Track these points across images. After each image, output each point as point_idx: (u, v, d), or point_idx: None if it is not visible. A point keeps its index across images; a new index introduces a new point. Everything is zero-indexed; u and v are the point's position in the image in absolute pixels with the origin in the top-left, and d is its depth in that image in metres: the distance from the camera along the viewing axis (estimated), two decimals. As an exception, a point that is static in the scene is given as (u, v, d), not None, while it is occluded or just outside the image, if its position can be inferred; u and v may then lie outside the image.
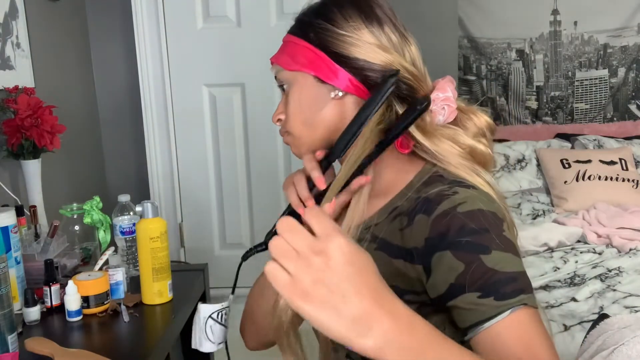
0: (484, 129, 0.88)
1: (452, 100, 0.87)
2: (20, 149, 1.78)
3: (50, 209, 1.88)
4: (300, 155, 0.92)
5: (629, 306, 1.91)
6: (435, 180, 0.82)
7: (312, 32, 0.87)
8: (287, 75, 0.89)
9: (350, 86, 0.85)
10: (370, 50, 0.84)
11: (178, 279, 1.51)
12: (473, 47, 3.47)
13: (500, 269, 0.73)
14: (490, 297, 0.71)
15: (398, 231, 0.82)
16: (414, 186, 0.84)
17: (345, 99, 0.87)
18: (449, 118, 0.87)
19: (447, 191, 0.79)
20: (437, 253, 0.76)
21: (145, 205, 1.41)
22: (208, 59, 2.87)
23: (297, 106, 0.89)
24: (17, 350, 1.14)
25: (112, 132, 2.87)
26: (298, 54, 0.87)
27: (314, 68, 0.86)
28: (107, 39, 2.80)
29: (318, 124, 0.88)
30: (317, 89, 0.87)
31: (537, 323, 0.72)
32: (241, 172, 2.98)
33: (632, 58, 3.42)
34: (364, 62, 0.84)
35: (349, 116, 0.86)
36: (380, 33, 0.85)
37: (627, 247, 2.39)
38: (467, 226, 0.75)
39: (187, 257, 3.00)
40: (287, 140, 0.93)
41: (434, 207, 0.78)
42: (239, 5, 2.85)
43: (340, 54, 0.85)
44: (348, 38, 0.84)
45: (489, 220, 0.76)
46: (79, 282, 1.36)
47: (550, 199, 3.03)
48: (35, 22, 2.15)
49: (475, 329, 0.72)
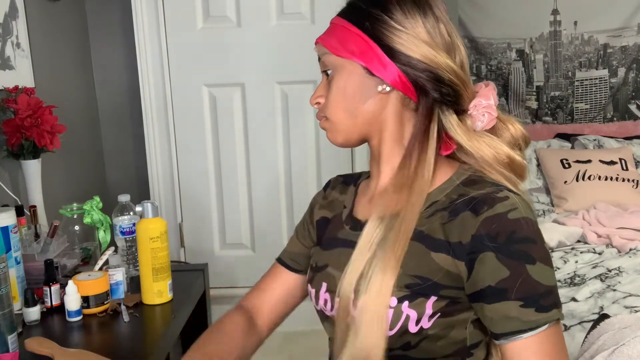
0: (519, 139, 0.89)
1: (493, 109, 0.87)
2: (20, 149, 1.78)
3: (50, 209, 1.88)
4: (335, 141, 0.91)
5: (629, 306, 1.91)
6: (478, 181, 0.83)
7: (368, 21, 0.85)
8: (334, 60, 0.88)
9: (398, 82, 0.84)
10: (423, 49, 0.83)
11: (178, 279, 1.52)
12: (473, 47, 3.47)
13: (543, 281, 0.76)
14: (532, 309, 0.74)
15: (440, 225, 0.82)
16: (454, 183, 0.85)
17: (391, 95, 0.86)
18: (487, 125, 0.87)
19: (498, 193, 0.79)
20: (482, 253, 0.77)
21: (145, 205, 1.41)
22: (208, 59, 2.87)
23: (341, 94, 0.88)
24: (17, 350, 1.14)
25: (112, 132, 2.87)
26: (349, 40, 0.86)
27: (365, 59, 0.85)
28: (107, 39, 2.80)
29: (359, 115, 0.87)
30: (365, 80, 0.86)
31: (562, 339, 0.77)
32: (241, 172, 2.97)
33: (632, 58, 3.42)
34: (415, 61, 0.83)
35: (391, 111, 0.87)
36: (436, 32, 0.85)
37: (627, 247, 2.39)
38: (517, 233, 0.76)
39: (187, 257, 3.00)
40: (323, 125, 0.92)
41: (482, 206, 0.78)
42: (239, 5, 2.84)
43: (393, 48, 0.83)
44: (404, 34, 0.83)
45: (536, 231, 0.78)
46: (79, 282, 1.36)
47: (550, 199, 3.03)
48: (35, 22, 2.15)
49: (510, 337, 0.75)
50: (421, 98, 0.85)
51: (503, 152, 0.86)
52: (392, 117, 0.87)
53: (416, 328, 0.79)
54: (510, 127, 0.89)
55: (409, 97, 0.86)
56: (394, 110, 0.87)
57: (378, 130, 0.89)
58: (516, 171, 0.87)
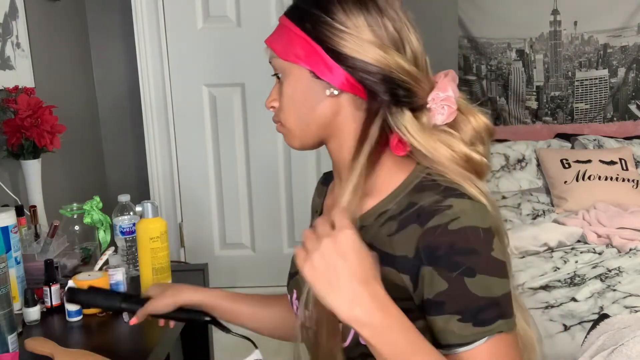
0: (482, 132, 0.85)
1: (452, 101, 0.83)
2: (20, 149, 1.78)
3: (50, 209, 1.87)
4: (293, 146, 0.90)
5: (629, 306, 1.91)
6: (429, 187, 0.79)
7: (310, 23, 0.82)
8: (282, 65, 0.85)
9: (346, 84, 0.82)
10: (368, 49, 0.80)
11: (178, 279, 1.51)
12: (473, 47, 3.47)
13: (483, 294, 0.73)
14: (469, 323, 0.73)
15: (386, 237, 0.80)
16: (406, 189, 0.82)
17: (341, 97, 0.83)
18: (448, 119, 0.83)
19: (441, 202, 0.76)
20: (423, 266, 0.76)
21: (145, 205, 1.41)
22: (208, 59, 2.87)
23: (292, 100, 0.86)
24: (17, 350, 1.14)
25: (112, 132, 2.87)
26: (295, 44, 0.83)
27: (311, 63, 0.82)
28: (107, 39, 2.80)
29: (312, 120, 0.85)
30: (313, 84, 0.83)
31: (511, 350, 0.74)
32: (241, 172, 2.98)
33: (632, 58, 3.42)
34: (360, 62, 0.80)
35: (345, 114, 0.84)
36: (380, 27, 0.81)
37: (627, 247, 2.39)
38: (456, 245, 0.74)
39: (187, 257, 3.00)
40: (280, 130, 0.90)
41: (427, 218, 0.76)
42: (239, 5, 2.85)
43: (337, 50, 0.81)
44: (347, 34, 0.81)
45: (480, 240, 0.75)
46: (79, 282, 1.36)
47: (550, 199, 3.03)
48: (35, 22, 2.15)
49: (450, 349, 0.74)
50: (371, 98, 0.82)
51: (460, 151, 0.82)
52: (346, 119, 0.85)
53: None
54: (472, 119, 0.85)
55: (359, 97, 0.83)
56: (348, 112, 0.84)
57: (335, 133, 0.86)
58: (475, 170, 0.83)
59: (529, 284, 2.13)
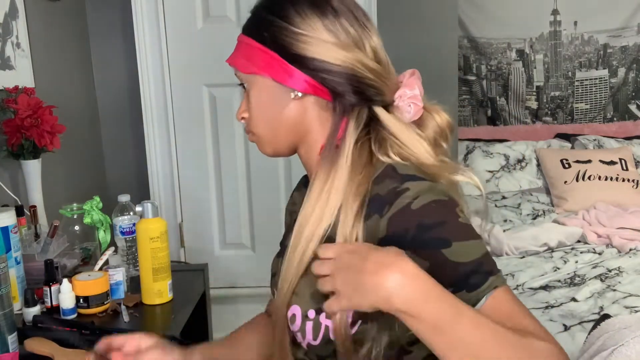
0: (445, 128, 0.88)
1: (419, 99, 0.85)
2: (20, 149, 1.78)
3: (50, 209, 1.87)
4: (265, 153, 0.93)
5: (629, 306, 1.91)
6: (386, 176, 0.80)
7: (266, 31, 0.84)
8: (245, 77, 0.89)
9: (307, 87, 0.83)
10: (327, 49, 0.81)
11: (178, 279, 1.52)
12: (473, 47, 3.47)
13: (465, 259, 0.74)
14: (463, 291, 0.72)
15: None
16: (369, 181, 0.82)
17: (305, 99, 0.85)
18: (415, 116, 0.85)
19: (399, 187, 0.78)
20: None
21: (145, 205, 1.41)
22: (208, 59, 2.87)
23: (259, 109, 0.88)
24: (17, 350, 1.14)
25: (112, 132, 2.87)
26: (253, 56, 0.86)
27: (271, 71, 0.84)
28: (107, 38, 2.80)
29: (280, 126, 0.87)
30: (276, 90, 0.85)
31: (511, 298, 0.74)
32: (241, 172, 2.97)
33: (632, 58, 3.42)
34: (320, 63, 0.82)
35: (311, 116, 0.86)
36: (337, 27, 0.82)
37: (627, 247, 2.39)
38: (424, 222, 0.75)
39: (187, 257, 3.00)
40: (251, 139, 0.93)
41: (385, 206, 0.77)
42: (239, 5, 2.84)
43: (295, 54, 0.82)
44: (303, 37, 0.82)
45: (444, 210, 0.76)
46: (78, 282, 1.36)
47: (550, 199, 3.03)
48: (35, 22, 2.15)
49: None
50: (336, 98, 0.84)
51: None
52: (313, 121, 0.86)
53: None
54: (437, 116, 0.87)
55: (323, 98, 0.84)
56: (314, 114, 0.86)
57: (304, 136, 0.88)
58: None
59: (529, 284, 2.13)
